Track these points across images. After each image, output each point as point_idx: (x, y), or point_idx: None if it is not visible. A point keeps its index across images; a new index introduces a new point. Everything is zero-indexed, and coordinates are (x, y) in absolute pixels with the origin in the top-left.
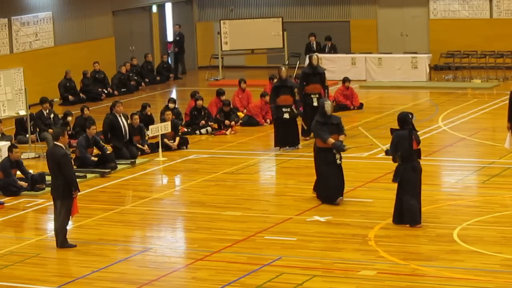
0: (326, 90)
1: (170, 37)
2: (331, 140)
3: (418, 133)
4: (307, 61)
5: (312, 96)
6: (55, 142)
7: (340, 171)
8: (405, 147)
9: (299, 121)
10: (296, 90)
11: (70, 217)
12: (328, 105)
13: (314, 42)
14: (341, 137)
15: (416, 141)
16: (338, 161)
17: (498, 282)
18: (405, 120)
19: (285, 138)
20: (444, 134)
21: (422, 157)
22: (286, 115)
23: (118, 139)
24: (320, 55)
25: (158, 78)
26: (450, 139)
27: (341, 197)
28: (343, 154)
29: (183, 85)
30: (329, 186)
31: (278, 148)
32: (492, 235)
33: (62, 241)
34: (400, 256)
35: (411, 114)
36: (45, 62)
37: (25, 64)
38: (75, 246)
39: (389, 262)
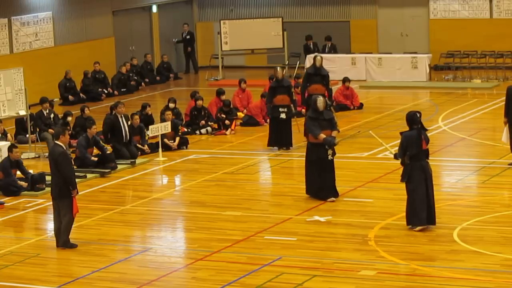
0: (329, 92)
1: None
2: (322, 136)
3: None
4: (306, 62)
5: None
6: (56, 141)
7: (331, 168)
8: (414, 147)
9: (294, 121)
10: (293, 89)
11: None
12: (320, 101)
13: (311, 44)
14: (334, 133)
15: (425, 140)
16: (329, 157)
17: (498, 282)
18: (413, 119)
19: (279, 138)
20: (444, 134)
21: None
22: (283, 115)
23: (118, 140)
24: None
25: (158, 78)
26: (450, 139)
27: (333, 198)
28: (339, 154)
29: (183, 85)
30: (318, 182)
31: (276, 148)
32: (492, 235)
33: (64, 241)
34: (400, 256)
35: (419, 112)
36: (45, 62)
37: (25, 64)
38: (76, 246)
39: (389, 262)
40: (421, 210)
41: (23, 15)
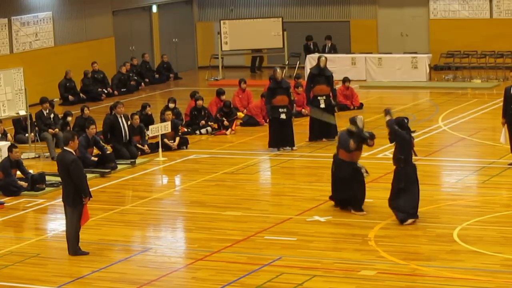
0: (334, 93)
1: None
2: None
3: (418, 133)
4: (306, 62)
5: (319, 98)
6: (65, 147)
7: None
8: (408, 150)
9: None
10: (291, 90)
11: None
12: (361, 121)
13: (312, 44)
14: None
15: (413, 144)
16: (365, 174)
17: (498, 282)
18: (402, 125)
19: (281, 138)
20: (444, 134)
21: (422, 157)
22: (283, 116)
23: (118, 140)
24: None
25: (157, 75)
26: (450, 139)
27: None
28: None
29: (183, 85)
30: (346, 194)
31: (275, 149)
32: (492, 235)
33: (75, 249)
34: (400, 256)
35: (407, 118)
36: (45, 62)
37: (25, 64)
38: (88, 253)
39: (389, 262)
40: (414, 208)
41: (23, 15)
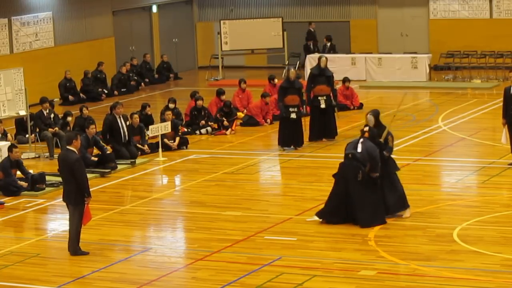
0: (334, 93)
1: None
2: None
3: (418, 133)
4: (306, 62)
5: (319, 98)
6: (67, 147)
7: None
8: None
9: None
10: (303, 90)
11: (82, 224)
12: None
13: (312, 44)
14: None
15: None
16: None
17: (498, 282)
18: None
19: (290, 137)
20: (444, 134)
21: (422, 157)
22: (293, 115)
23: (117, 141)
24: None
25: (157, 75)
26: (450, 139)
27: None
28: (338, 153)
29: (183, 85)
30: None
31: (281, 147)
32: (492, 235)
33: (75, 249)
34: (400, 256)
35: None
36: (45, 62)
37: (25, 64)
38: (88, 253)
39: (389, 262)
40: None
41: (23, 15)
